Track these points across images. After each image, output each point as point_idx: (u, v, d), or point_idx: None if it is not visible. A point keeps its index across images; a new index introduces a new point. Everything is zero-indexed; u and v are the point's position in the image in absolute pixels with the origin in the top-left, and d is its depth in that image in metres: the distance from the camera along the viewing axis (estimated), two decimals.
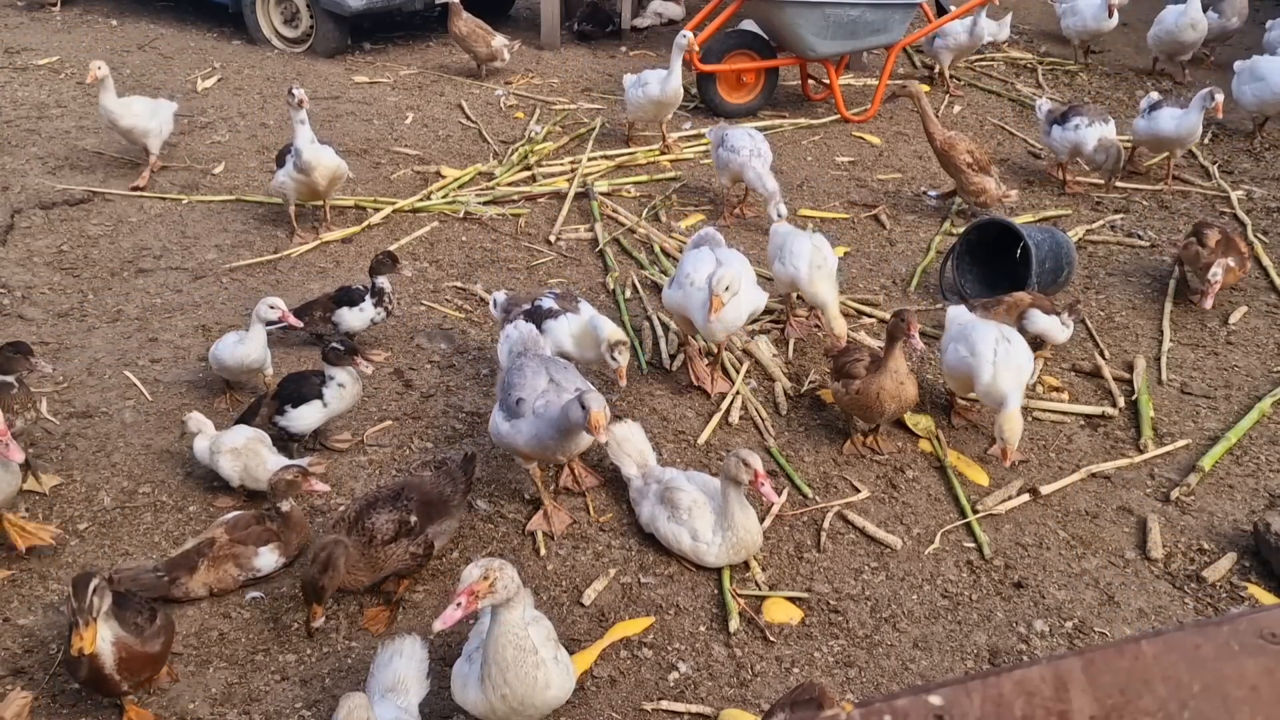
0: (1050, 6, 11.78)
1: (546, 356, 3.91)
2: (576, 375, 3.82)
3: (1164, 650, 1.05)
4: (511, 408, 3.69)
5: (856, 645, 3.45)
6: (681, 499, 3.69)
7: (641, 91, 7.15)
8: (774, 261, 5.03)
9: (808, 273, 4.76)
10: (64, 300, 5.33)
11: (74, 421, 4.41)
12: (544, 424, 3.59)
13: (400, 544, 3.37)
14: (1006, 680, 1.02)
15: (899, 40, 8.09)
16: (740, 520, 3.59)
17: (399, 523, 3.37)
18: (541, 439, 3.61)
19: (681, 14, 10.50)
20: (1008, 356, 4.07)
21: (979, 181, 6.30)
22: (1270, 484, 4.26)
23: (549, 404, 3.61)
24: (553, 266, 5.86)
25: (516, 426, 3.67)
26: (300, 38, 9.56)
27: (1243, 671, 1.03)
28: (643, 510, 3.85)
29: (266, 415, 4.14)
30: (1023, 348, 4.17)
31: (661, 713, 3.17)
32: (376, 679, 2.96)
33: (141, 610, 3.00)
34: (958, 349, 4.25)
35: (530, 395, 3.66)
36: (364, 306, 4.83)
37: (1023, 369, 4.10)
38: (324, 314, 4.85)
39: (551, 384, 3.69)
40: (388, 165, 7.12)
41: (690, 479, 3.82)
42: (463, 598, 2.56)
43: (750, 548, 3.65)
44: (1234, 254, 5.36)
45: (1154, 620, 3.57)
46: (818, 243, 4.86)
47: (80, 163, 6.88)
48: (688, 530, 3.66)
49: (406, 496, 3.45)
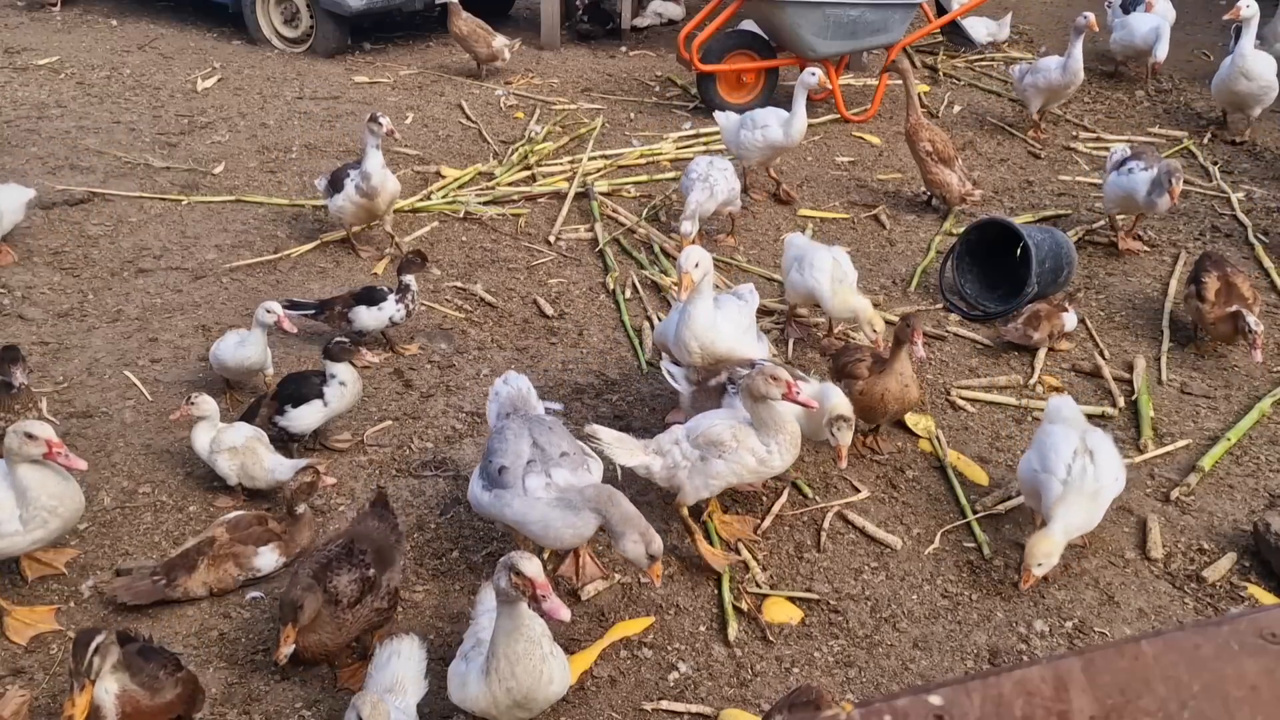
0: (1053, 8, 11.79)
1: (534, 416, 3.53)
2: (564, 436, 3.42)
3: (1164, 650, 1.05)
4: (493, 476, 3.31)
5: (856, 645, 3.45)
6: (722, 434, 3.56)
7: (760, 134, 6.25)
8: (789, 271, 4.96)
9: (830, 287, 4.69)
10: (64, 300, 5.33)
11: (74, 421, 4.41)
12: (554, 511, 3.20)
13: (366, 603, 3.14)
14: (1006, 680, 1.02)
15: (899, 40, 8.09)
16: (781, 419, 3.55)
17: (362, 581, 3.13)
18: (550, 523, 3.22)
19: (682, 14, 10.50)
20: (1083, 473, 3.56)
21: (937, 173, 6.37)
22: (1270, 484, 4.26)
23: (559, 489, 3.22)
24: (553, 266, 5.86)
25: (501, 499, 3.28)
26: (300, 38, 9.56)
27: (1243, 671, 1.03)
28: (694, 480, 3.61)
29: (266, 415, 4.14)
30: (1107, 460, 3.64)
31: (661, 713, 3.17)
32: (374, 679, 2.94)
33: (165, 664, 2.86)
34: (1031, 465, 3.74)
35: (514, 463, 3.27)
36: (383, 305, 4.81)
37: (1100, 495, 3.60)
38: (343, 310, 4.85)
39: (535, 448, 3.30)
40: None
41: (706, 418, 3.69)
42: None
43: (798, 435, 3.63)
44: (1237, 297, 4.91)
45: (1154, 620, 3.57)
46: (838, 256, 4.79)
47: (80, 163, 6.88)
48: (748, 451, 3.55)
49: (360, 549, 3.19)
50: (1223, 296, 4.93)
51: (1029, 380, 4.89)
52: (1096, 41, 9.35)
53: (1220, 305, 4.92)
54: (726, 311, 4.19)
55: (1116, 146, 6.31)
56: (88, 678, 2.56)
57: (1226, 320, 4.90)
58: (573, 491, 3.19)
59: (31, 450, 3.22)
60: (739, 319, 4.21)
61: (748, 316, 4.28)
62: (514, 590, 2.63)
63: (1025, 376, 4.92)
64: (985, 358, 5.12)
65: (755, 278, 5.79)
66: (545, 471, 3.24)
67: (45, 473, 3.29)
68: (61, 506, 3.32)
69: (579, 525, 3.18)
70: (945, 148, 6.35)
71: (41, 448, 3.22)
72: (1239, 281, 4.99)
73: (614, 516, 3.08)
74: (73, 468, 3.27)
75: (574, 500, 3.17)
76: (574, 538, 3.25)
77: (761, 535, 3.92)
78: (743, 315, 4.25)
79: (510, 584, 2.63)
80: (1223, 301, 4.92)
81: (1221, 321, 4.91)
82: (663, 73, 9.30)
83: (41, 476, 3.27)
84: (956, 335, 5.29)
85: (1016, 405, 4.73)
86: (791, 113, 6.22)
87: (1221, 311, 4.90)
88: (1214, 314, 4.92)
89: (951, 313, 5.48)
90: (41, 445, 3.22)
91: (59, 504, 3.30)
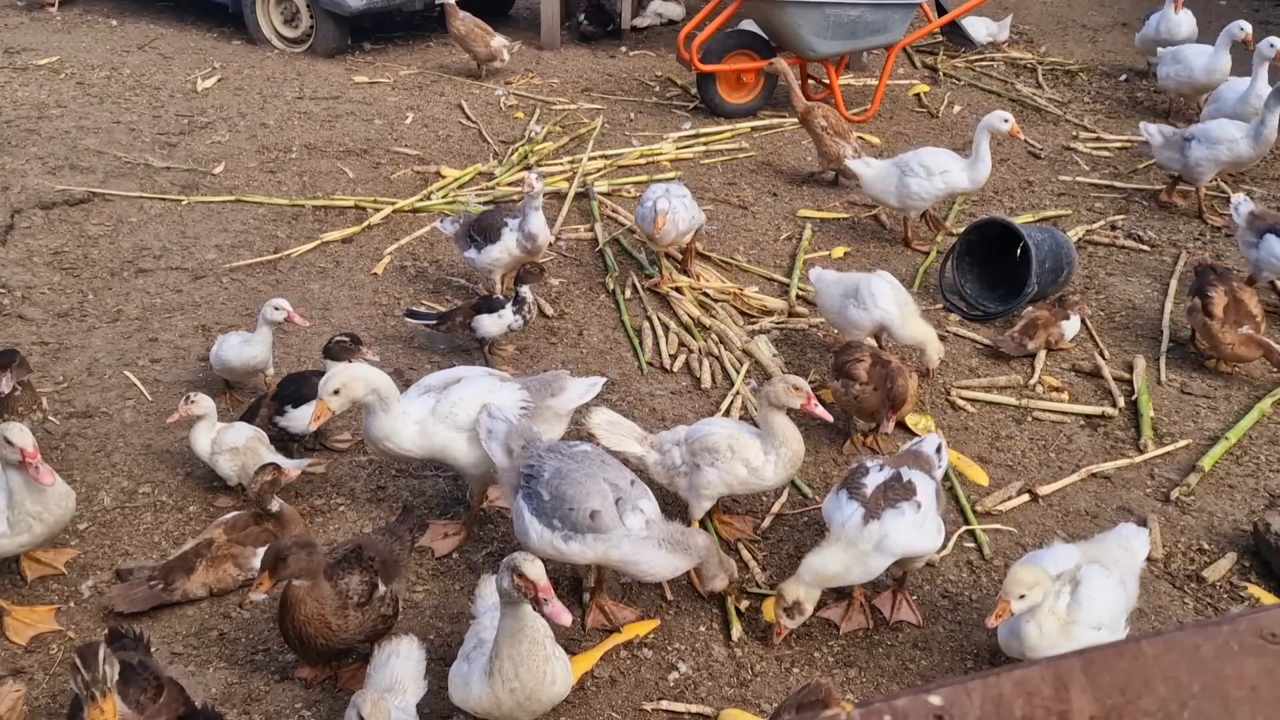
0: (1053, 8, 11.78)
1: (564, 447, 3.40)
2: (611, 462, 3.36)
3: (1164, 650, 1.05)
4: (580, 523, 3.15)
5: (856, 645, 3.45)
6: (717, 441, 3.58)
7: (941, 181, 5.80)
8: (846, 309, 4.70)
9: (899, 314, 4.55)
10: (64, 300, 5.33)
11: (74, 421, 4.41)
12: (662, 554, 3.22)
13: (373, 606, 3.14)
14: (1006, 680, 1.02)
15: (899, 40, 8.09)
16: (790, 435, 3.58)
17: (369, 584, 3.13)
18: (657, 563, 3.24)
19: (682, 14, 10.50)
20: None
21: (834, 145, 6.62)
22: (1270, 484, 4.26)
23: (659, 527, 3.24)
24: (553, 266, 5.86)
25: (607, 541, 3.16)
26: (300, 38, 9.56)
27: (1243, 671, 1.03)
28: (690, 493, 3.66)
29: (266, 415, 4.14)
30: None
31: (661, 713, 3.17)
32: (374, 679, 2.94)
33: (146, 687, 2.80)
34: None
35: (604, 505, 3.16)
36: (502, 314, 4.81)
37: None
38: (464, 320, 4.86)
39: (608, 484, 3.21)
40: (388, 165, 7.13)
41: (706, 424, 3.73)
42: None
43: (800, 456, 3.65)
44: (1246, 315, 4.72)
45: (1154, 620, 3.57)
46: (890, 280, 4.67)
47: (80, 163, 6.88)
48: (740, 463, 3.56)
49: (369, 556, 3.20)
50: (1231, 314, 4.73)
51: (1029, 380, 4.89)
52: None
53: (1231, 324, 4.72)
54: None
55: (1238, 199, 5.61)
56: (106, 684, 2.52)
57: (1249, 343, 4.70)
58: (677, 533, 3.25)
59: (8, 455, 3.18)
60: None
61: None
62: (516, 591, 2.65)
63: (1025, 377, 4.92)
64: (985, 358, 5.12)
65: (755, 278, 5.80)
66: (637, 507, 3.22)
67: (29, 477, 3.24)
68: (45, 512, 3.28)
69: (680, 566, 3.28)
70: (838, 122, 6.67)
71: (16, 455, 3.16)
72: (1246, 298, 4.80)
73: (712, 565, 3.30)
74: (40, 481, 3.18)
75: (678, 542, 3.23)
76: (671, 574, 3.32)
77: (761, 535, 3.92)
78: None
79: (513, 585, 2.64)
80: (1232, 320, 4.72)
81: (1244, 344, 4.71)
82: (663, 73, 9.30)
83: (26, 480, 3.22)
84: (956, 335, 5.28)
85: (1016, 405, 4.73)
86: (975, 157, 5.79)
87: (1237, 335, 4.70)
88: (1228, 336, 4.71)
89: (951, 313, 5.48)
90: (16, 453, 3.16)
91: (43, 509, 3.27)
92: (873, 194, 6.12)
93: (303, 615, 2.99)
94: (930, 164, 5.81)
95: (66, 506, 3.37)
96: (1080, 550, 3.22)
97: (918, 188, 5.82)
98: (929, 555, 3.44)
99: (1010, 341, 5.07)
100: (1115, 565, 3.15)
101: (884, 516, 3.23)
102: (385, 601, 3.18)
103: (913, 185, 5.82)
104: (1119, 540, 3.32)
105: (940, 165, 5.81)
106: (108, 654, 2.57)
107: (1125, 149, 7.71)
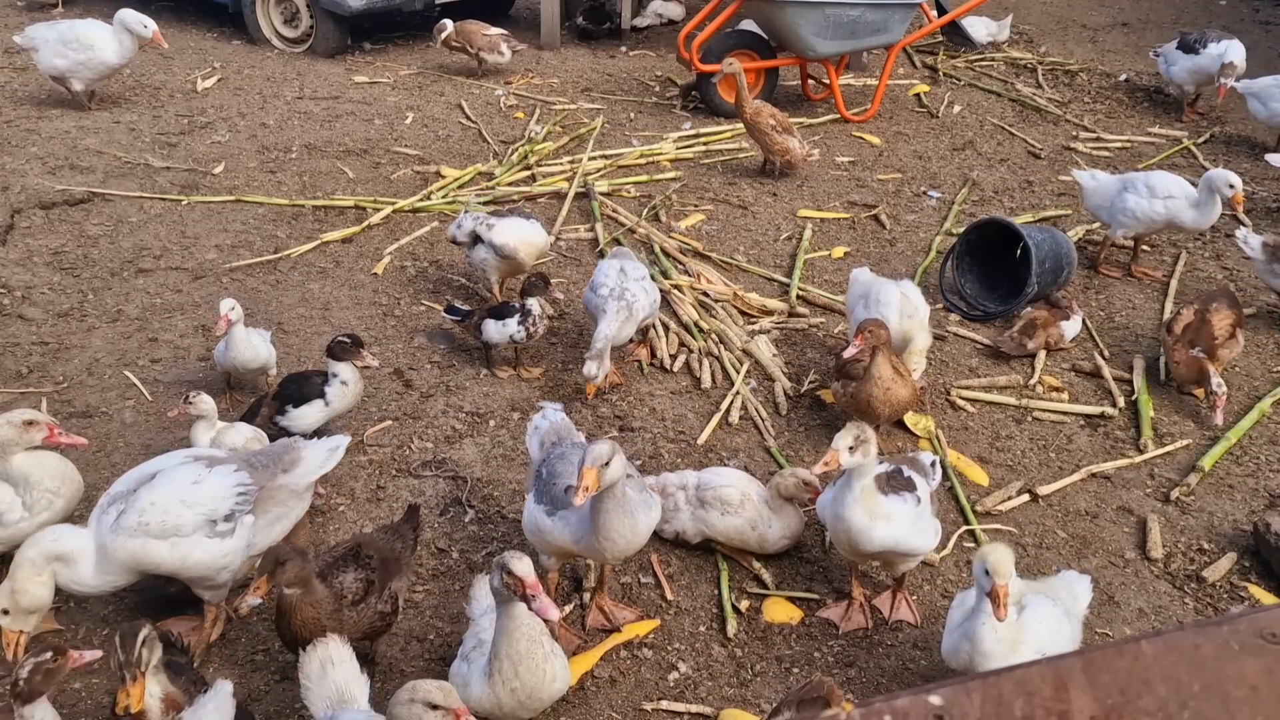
0: (1053, 8, 11.79)
1: (583, 443, 3.45)
2: None
3: (1164, 650, 1.05)
4: (558, 498, 3.18)
5: (856, 645, 3.45)
6: (731, 494, 3.71)
7: (1162, 206, 5.46)
8: (854, 308, 4.68)
9: (898, 322, 4.51)
10: (64, 300, 5.33)
11: (74, 421, 4.41)
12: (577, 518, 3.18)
13: (369, 603, 3.13)
14: (1006, 680, 1.02)
15: (899, 40, 8.09)
16: (793, 518, 3.75)
17: (365, 582, 3.13)
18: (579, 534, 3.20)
19: (682, 14, 10.50)
20: None
21: (782, 141, 6.90)
22: (1270, 484, 4.26)
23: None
24: (553, 266, 5.86)
25: (566, 519, 3.17)
26: (300, 38, 9.56)
27: (1243, 671, 1.03)
28: (679, 519, 3.77)
29: (267, 415, 4.13)
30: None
31: (661, 713, 3.18)
32: (315, 694, 2.75)
33: (195, 681, 2.82)
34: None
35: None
36: (507, 322, 4.76)
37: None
38: (477, 322, 4.84)
39: None
40: (388, 165, 7.13)
41: (716, 475, 3.83)
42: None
43: (799, 534, 3.78)
44: (1205, 337, 4.56)
45: (1154, 620, 3.57)
46: (906, 290, 4.63)
47: (80, 163, 6.88)
48: (746, 521, 3.69)
49: (366, 554, 3.20)
50: (1189, 333, 4.60)
51: (1029, 380, 4.89)
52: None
53: (1185, 343, 4.59)
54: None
55: (1243, 233, 5.48)
56: (139, 668, 2.56)
57: (1192, 365, 4.59)
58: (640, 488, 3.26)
59: (32, 436, 3.38)
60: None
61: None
62: (506, 590, 2.68)
63: (1025, 377, 4.92)
64: (985, 358, 5.12)
65: (755, 278, 5.80)
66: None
67: (42, 457, 3.45)
68: (64, 487, 3.48)
69: (653, 520, 3.24)
70: (784, 120, 6.98)
71: (43, 432, 3.39)
72: (1215, 320, 4.60)
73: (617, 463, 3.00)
74: (76, 446, 3.50)
75: (644, 501, 3.22)
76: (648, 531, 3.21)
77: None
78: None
79: (503, 583, 2.68)
80: (1188, 340, 4.59)
81: (1187, 365, 4.61)
82: (663, 73, 9.30)
83: (39, 461, 3.43)
84: (956, 335, 5.28)
85: (1016, 405, 4.73)
86: (1204, 199, 5.40)
87: (1186, 354, 4.59)
88: (1177, 354, 4.62)
89: (951, 313, 5.48)
90: (43, 430, 3.39)
91: (61, 484, 3.47)
92: (1089, 206, 5.86)
93: (298, 620, 2.99)
94: (1155, 185, 5.49)
95: (79, 480, 3.57)
96: (1026, 584, 3.12)
97: (1135, 205, 5.52)
98: (923, 554, 3.44)
99: (1010, 341, 5.07)
100: (1059, 602, 3.07)
101: (887, 496, 3.32)
102: (384, 599, 3.18)
103: (1130, 202, 5.53)
104: (1064, 585, 3.23)
105: (1166, 189, 5.46)
106: (149, 636, 2.58)
107: (1125, 149, 7.72)
